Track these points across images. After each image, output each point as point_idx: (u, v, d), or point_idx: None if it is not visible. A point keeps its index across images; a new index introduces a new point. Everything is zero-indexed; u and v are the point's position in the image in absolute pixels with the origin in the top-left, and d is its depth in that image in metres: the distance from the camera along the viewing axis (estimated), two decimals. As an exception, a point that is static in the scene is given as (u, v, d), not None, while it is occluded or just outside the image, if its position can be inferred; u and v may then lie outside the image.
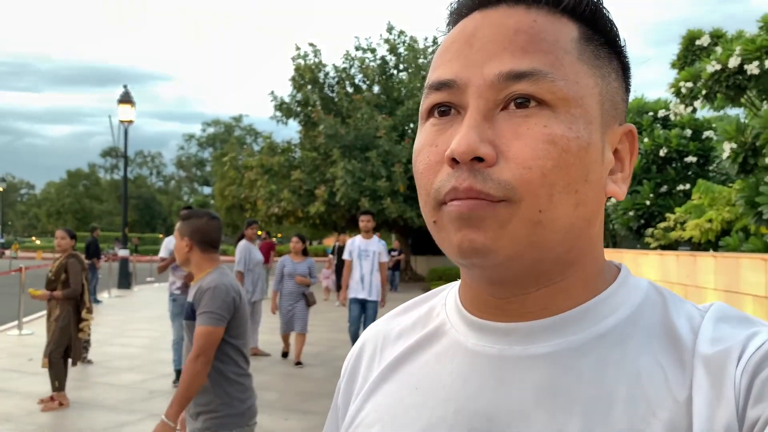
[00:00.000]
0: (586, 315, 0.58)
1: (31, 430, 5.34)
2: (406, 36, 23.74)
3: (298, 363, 7.91)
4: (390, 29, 23.67)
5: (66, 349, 6.08)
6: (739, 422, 0.48)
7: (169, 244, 7.06)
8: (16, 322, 10.86)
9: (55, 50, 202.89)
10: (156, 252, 43.60)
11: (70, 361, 6.18)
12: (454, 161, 0.54)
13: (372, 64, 23.45)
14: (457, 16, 0.62)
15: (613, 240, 12.65)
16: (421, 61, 22.96)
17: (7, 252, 46.13)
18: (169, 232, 71.73)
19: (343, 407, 0.73)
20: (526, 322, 0.58)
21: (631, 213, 9.42)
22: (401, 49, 23.50)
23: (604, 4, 0.60)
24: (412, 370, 0.65)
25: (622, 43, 0.62)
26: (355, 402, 0.69)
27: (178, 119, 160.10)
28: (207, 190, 69.73)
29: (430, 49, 23.37)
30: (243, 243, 8.42)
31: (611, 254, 8.75)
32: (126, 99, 19.02)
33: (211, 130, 71.24)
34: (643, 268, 7.07)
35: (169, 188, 77.72)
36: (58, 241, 6.38)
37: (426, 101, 0.60)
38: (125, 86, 19.30)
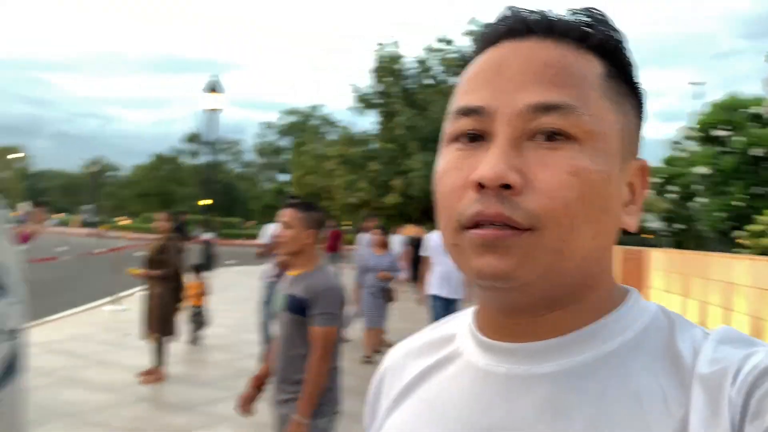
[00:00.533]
0: (591, 336, 0.60)
1: (132, 401, 5.74)
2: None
3: (368, 356, 7.82)
4: (472, 21, 23.50)
5: (166, 325, 6.50)
6: None
7: (269, 231, 6.92)
8: (111, 298, 11.57)
9: (141, 39, 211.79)
10: (235, 236, 44.98)
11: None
12: (480, 186, 0.56)
13: (451, 56, 23.39)
14: (486, 43, 0.63)
15: (697, 242, 12.23)
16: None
17: (97, 230, 48.70)
18: (247, 217, 73.75)
19: (369, 425, 0.77)
20: (533, 343, 0.60)
21: (720, 214, 9.12)
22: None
23: (626, 43, 0.62)
24: (429, 388, 0.68)
25: (639, 81, 0.64)
26: (378, 418, 0.74)
27: (257, 107, 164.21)
28: (284, 177, 71.27)
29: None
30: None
31: (695, 257, 8.49)
32: (213, 88, 19.72)
33: (288, 118, 72.70)
34: (734, 272, 6.85)
35: (248, 174, 79.91)
36: (159, 223, 6.76)
37: (453, 125, 0.61)
38: (213, 76, 20.01)
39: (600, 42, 0.60)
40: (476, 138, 0.59)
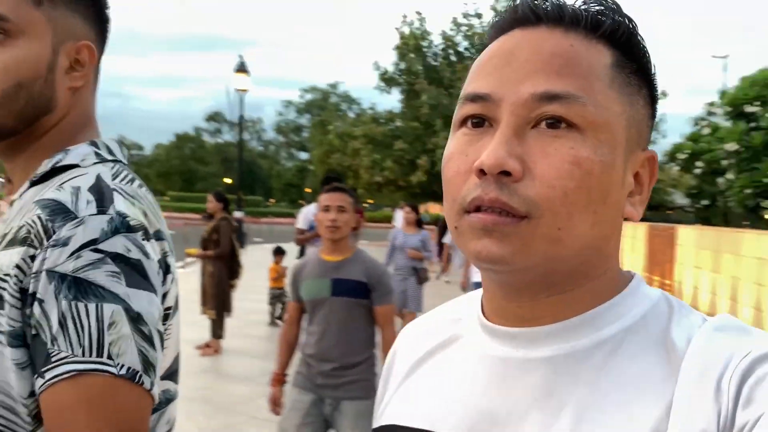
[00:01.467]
0: (588, 322, 0.60)
1: (195, 372, 6.11)
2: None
3: None
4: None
5: (221, 302, 6.86)
6: (725, 429, 0.50)
7: (308, 215, 6.48)
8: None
9: (157, 17, 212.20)
10: (260, 214, 45.40)
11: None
12: (482, 172, 0.57)
13: (479, 31, 23.43)
14: (498, 31, 0.64)
15: (724, 218, 12.35)
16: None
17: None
18: (268, 195, 74.26)
19: (379, 400, 0.79)
20: (531, 328, 0.61)
21: (748, 191, 9.26)
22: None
23: (639, 32, 0.63)
24: (433, 368, 0.70)
25: (654, 71, 0.64)
26: (386, 395, 0.76)
27: (276, 85, 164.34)
28: (304, 155, 71.57)
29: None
30: None
31: (727, 233, 8.64)
32: (241, 68, 19.96)
33: (308, 96, 72.81)
34: (767, 248, 7.04)
35: (269, 152, 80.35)
36: (208, 204, 7.09)
37: (460, 111, 0.62)
38: (240, 56, 20.23)
39: (611, 31, 0.61)
40: (482, 123, 0.60)
